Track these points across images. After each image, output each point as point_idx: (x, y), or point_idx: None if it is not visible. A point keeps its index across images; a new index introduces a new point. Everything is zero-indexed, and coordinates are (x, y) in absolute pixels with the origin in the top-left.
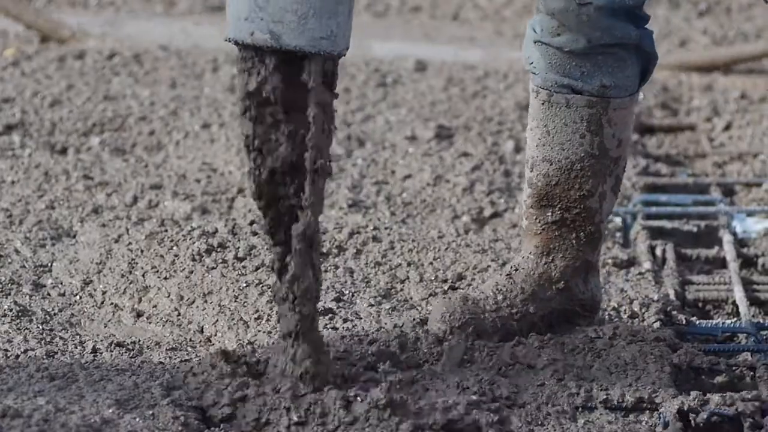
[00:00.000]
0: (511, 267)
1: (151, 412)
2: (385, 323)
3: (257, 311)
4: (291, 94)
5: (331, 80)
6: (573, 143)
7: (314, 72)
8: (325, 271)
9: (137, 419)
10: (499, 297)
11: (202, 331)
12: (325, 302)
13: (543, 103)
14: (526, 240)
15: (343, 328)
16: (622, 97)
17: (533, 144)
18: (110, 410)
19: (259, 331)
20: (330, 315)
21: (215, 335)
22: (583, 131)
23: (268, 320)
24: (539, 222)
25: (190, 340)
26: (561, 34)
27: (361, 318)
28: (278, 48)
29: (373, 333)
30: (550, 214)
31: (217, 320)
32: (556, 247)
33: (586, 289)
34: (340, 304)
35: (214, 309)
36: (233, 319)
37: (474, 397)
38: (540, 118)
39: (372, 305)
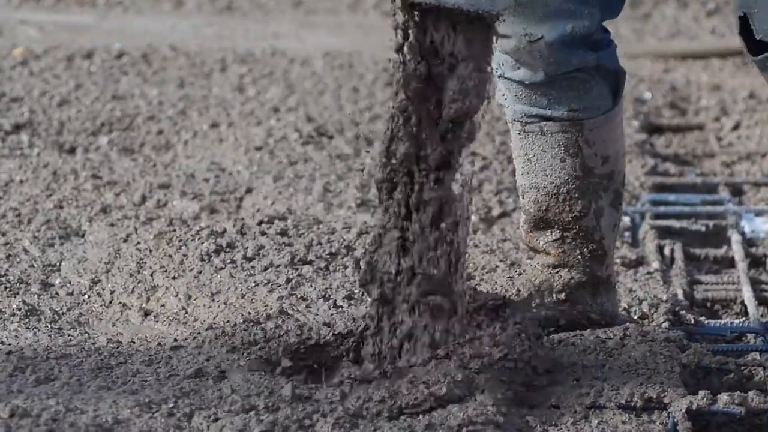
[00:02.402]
0: (516, 271)
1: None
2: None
3: (266, 307)
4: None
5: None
6: (555, 168)
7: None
8: (334, 271)
9: (158, 418)
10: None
11: (210, 329)
12: (336, 300)
13: (519, 133)
14: (535, 256)
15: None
16: (595, 117)
17: (519, 172)
18: (128, 410)
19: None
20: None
21: (221, 334)
22: (563, 155)
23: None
24: (541, 242)
25: (195, 338)
26: (519, 68)
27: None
28: (437, 5)
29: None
30: (549, 234)
31: (226, 320)
32: (563, 263)
33: (594, 303)
34: (352, 302)
35: (221, 308)
36: (241, 319)
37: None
38: (519, 147)
39: None
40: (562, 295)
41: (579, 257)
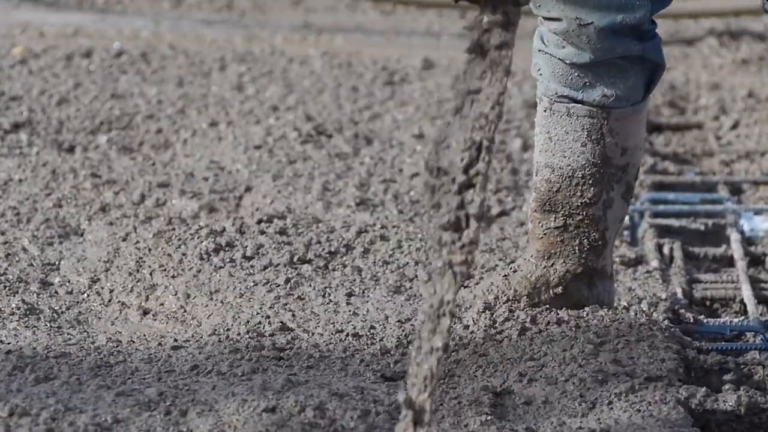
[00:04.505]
0: (510, 268)
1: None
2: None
3: (263, 307)
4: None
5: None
6: (574, 151)
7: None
8: (333, 269)
9: (157, 417)
10: (490, 297)
11: (214, 333)
12: (336, 298)
13: (545, 110)
14: (530, 243)
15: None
16: (623, 107)
17: (537, 149)
18: (127, 409)
19: (269, 331)
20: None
21: (222, 334)
22: (584, 140)
23: (276, 318)
24: (542, 226)
25: (193, 336)
26: (565, 47)
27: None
28: None
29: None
30: (553, 219)
31: (224, 319)
32: (557, 252)
33: (591, 295)
34: (351, 300)
35: (219, 307)
36: (240, 319)
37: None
38: (543, 124)
39: (387, 300)
40: (559, 289)
41: (576, 247)
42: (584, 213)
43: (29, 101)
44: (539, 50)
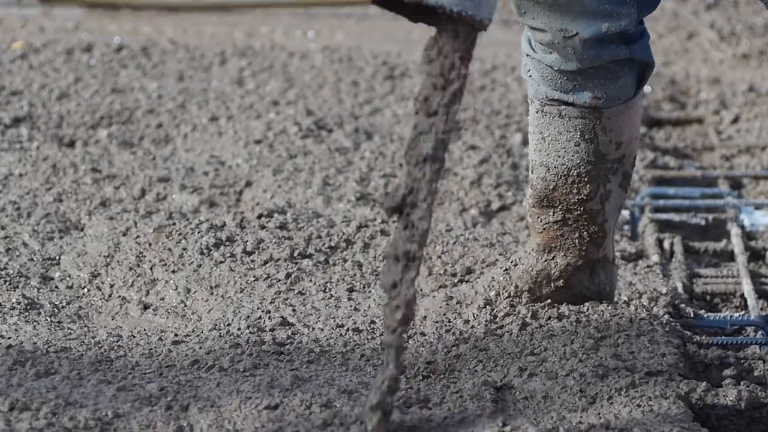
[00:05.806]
0: (511, 262)
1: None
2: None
3: (263, 302)
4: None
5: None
6: (568, 151)
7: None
8: (334, 264)
9: (158, 411)
10: (491, 293)
11: (215, 328)
12: (337, 293)
13: (537, 112)
14: (531, 236)
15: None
16: (615, 106)
17: (532, 148)
18: (128, 404)
19: (269, 326)
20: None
21: (222, 329)
22: (578, 140)
23: (277, 313)
24: (541, 221)
25: (193, 331)
26: (552, 53)
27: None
28: (419, 2)
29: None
30: (551, 214)
31: (225, 314)
32: (557, 246)
33: (592, 284)
34: (353, 295)
35: (219, 302)
36: (240, 313)
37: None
38: (536, 124)
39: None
40: (560, 282)
41: (576, 240)
42: (582, 208)
43: (30, 96)
44: (527, 54)
